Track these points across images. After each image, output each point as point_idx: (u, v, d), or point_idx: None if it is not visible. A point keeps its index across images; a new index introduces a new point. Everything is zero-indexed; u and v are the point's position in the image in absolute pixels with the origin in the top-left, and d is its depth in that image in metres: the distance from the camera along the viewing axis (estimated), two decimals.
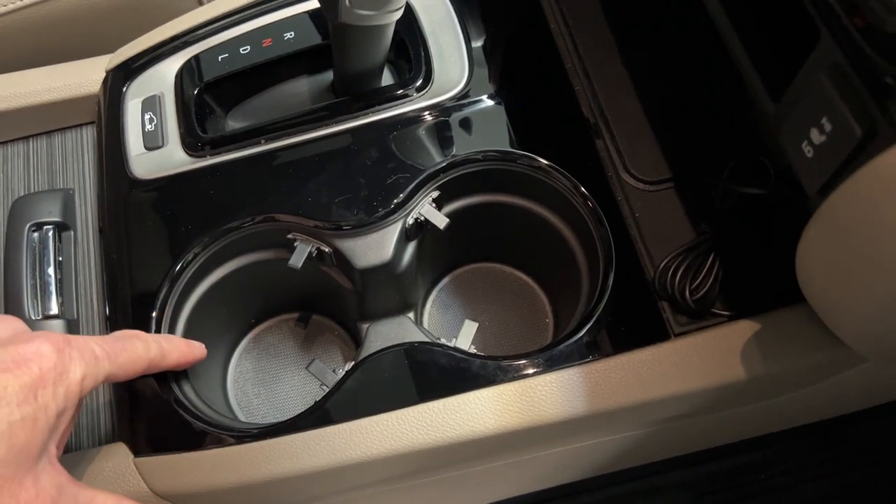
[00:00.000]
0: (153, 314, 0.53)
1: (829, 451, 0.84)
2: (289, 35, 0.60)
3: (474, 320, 0.63)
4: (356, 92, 0.58)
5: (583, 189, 0.54)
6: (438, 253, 0.60)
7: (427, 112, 0.57)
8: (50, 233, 0.58)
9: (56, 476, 0.39)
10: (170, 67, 0.62)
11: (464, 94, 0.58)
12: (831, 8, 0.34)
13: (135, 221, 0.56)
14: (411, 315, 0.59)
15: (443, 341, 0.54)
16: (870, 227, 0.35)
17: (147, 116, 0.60)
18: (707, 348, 0.49)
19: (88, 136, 0.63)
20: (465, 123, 0.57)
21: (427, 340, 0.53)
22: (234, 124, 0.62)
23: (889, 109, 0.32)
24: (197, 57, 0.61)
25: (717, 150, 0.53)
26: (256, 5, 0.63)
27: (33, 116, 0.62)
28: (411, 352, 0.51)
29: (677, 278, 0.49)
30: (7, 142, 0.64)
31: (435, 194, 0.55)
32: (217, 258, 0.56)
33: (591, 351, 0.49)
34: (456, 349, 0.51)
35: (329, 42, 0.56)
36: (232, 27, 0.62)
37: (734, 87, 0.53)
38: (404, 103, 0.57)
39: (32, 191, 0.61)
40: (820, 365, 0.50)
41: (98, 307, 0.57)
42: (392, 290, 0.56)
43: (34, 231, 0.57)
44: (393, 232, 0.54)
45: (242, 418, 0.60)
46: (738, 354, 0.48)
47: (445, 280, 0.66)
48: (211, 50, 0.61)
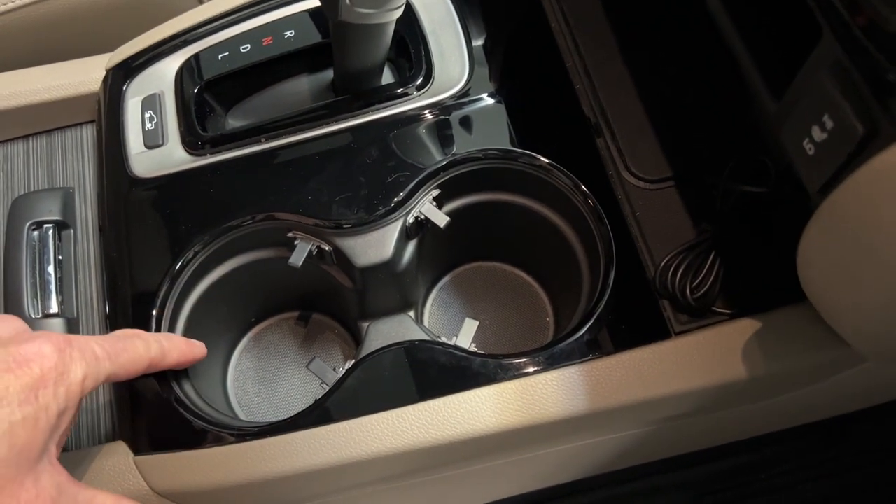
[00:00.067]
0: (153, 312, 0.53)
1: (830, 451, 0.84)
2: (289, 33, 0.60)
3: (475, 319, 0.63)
4: (356, 90, 0.58)
5: (583, 187, 0.54)
6: (439, 251, 0.60)
7: (427, 110, 0.57)
8: (50, 231, 0.58)
9: (56, 476, 0.39)
10: (170, 66, 0.62)
11: (464, 93, 0.58)
12: (833, 6, 0.34)
13: (135, 220, 0.56)
14: (412, 313, 0.59)
15: (443, 340, 0.54)
16: (871, 226, 0.35)
17: (147, 115, 0.60)
18: (708, 347, 0.49)
19: (88, 135, 0.63)
20: (466, 122, 0.57)
21: (427, 339, 0.53)
22: (235, 123, 0.62)
23: (891, 108, 0.32)
24: (197, 55, 0.61)
25: (718, 149, 0.53)
26: (256, 4, 0.63)
27: (33, 115, 0.62)
28: (412, 350, 0.50)
29: (678, 277, 0.49)
30: (7, 140, 0.64)
31: (435, 193, 0.55)
32: (217, 256, 0.56)
33: (592, 349, 0.49)
34: (456, 347, 0.51)
35: (329, 40, 0.56)
36: (232, 26, 0.62)
37: (735, 86, 0.53)
38: (405, 102, 0.57)
39: (32, 189, 0.61)
40: (821, 364, 0.50)
41: (98, 306, 0.57)
42: (392, 289, 0.56)
43: (34, 230, 0.57)
44: (393, 230, 0.54)
45: (243, 417, 0.60)
46: (739, 353, 0.48)
47: (446, 278, 0.66)
48: (211, 48, 0.61)
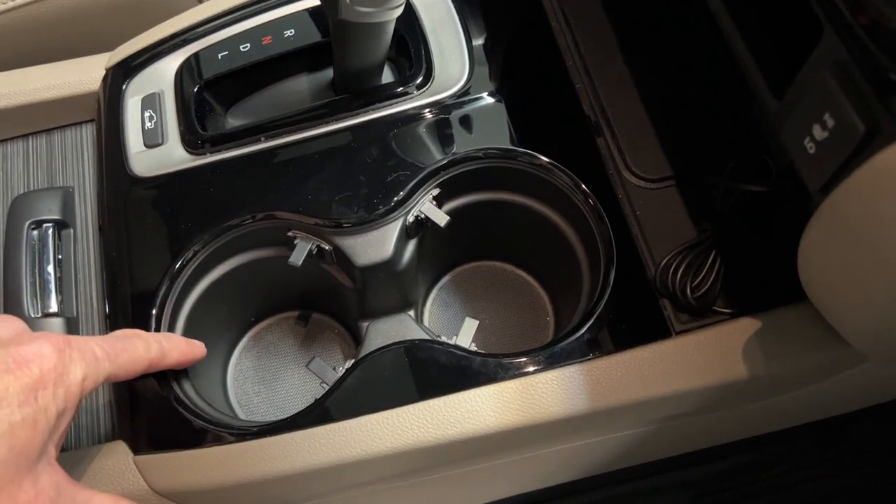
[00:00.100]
0: (153, 312, 0.53)
1: (830, 451, 0.84)
2: (289, 32, 0.60)
3: (475, 318, 0.63)
4: (356, 89, 0.58)
5: (584, 187, 0.54)
6: (439, 251, 0.60)
7: (427, 110, 0.57)
8: (49, 231, 0.57)
9: (54, 476, 0.39)
10: (170, 65, 0.62)
11: (464, 92, 0.58)
12: (835, 5, 0.34)
13: (135, 219, 0.56)
14: (412, 313, 0.59)
15: (443, 339, 0.54)
16: (872, 225, 0.35)
17: (147, 114, 0.59)
18: (708, 346, 0.49)
19: (88, 134, 0.63)
20: (466, 121, 0.57)
21: (427, 338, 0.53)
22: (234, 122, 0.62)
23: (892, 106, 0.32)
24: (197, 54, 0.61)
25: (719, 148, 0.53)
26: (256, 3, 0.63)
27: (33, 114, 0.62)
28: (412, 350, 0.50)
29: (678, 276, 0.49)
30: (7, 140, 0.64)
31: (435, 192, 0.55)
32: (217, 256, 0.56)
33: (592, 348, 0.49)
34: (456, 347, 0.51)
35: (329, 39, 0.56)
36: (232, 25, 0.62)
37: (735, 85, 0.53)
38: (405, 101, 0.57)
39: (32, 189, 0.61)
40: (821, 364, 0.50)
41: (98, 305, 0.57)
42: (392, 288, 0.56)
43: (34, 229, 0.57)
44: (393, 230, 0.54)
45: (242, 416, 0.60)
46: (740, 353, 0.48)
47: (446, 278, 0.65)
48: (211, 47, 0.61)
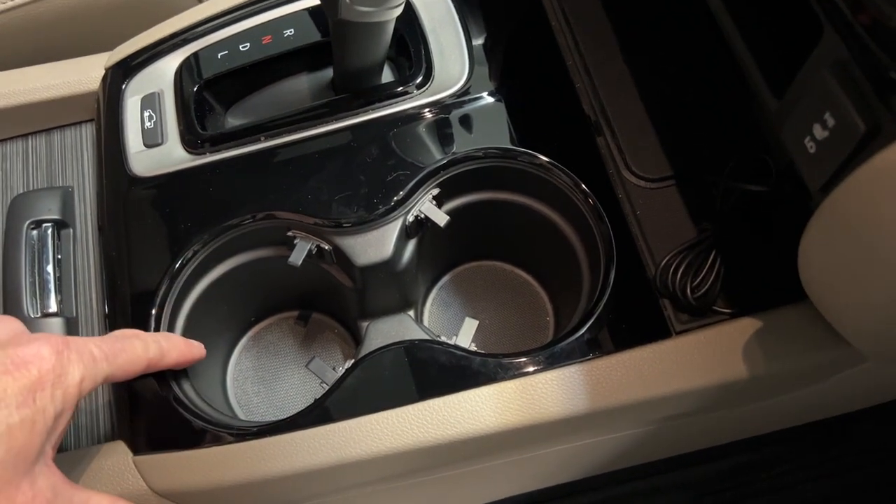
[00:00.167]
0: (152, 312, 0.52)
1: (831, 451, 0.84)
2: (289, 32, 0.60)
3: (475, 318, 0.63)
4: (356, 89, 0.58)
5: (584, 186, 0.54)
6: (439, 250, 0.60)
7: (427, 109, 0.57)
8: (49, 230, 0.57)
9: (51, 477, 0.39)
10: (169, 65, 0.62)
11: (464, 92, 0.58)
12: (835, 4, 0.34)
13: (134, 219, 0.56)
14: (411, 313, 0.59)
15: (443, 339, 0.54)
16: (872, 224, 0.35)
17: (146, 114, 0.59)
18: (708, 346, 0.49)
19: (88, 134, 0.63)
20: (466, 121, 0.57)
21: (427, 338, 0.53)
22: (234, 121, 0.62)
23: (892, 105, 0.32)
24: (196, 54, 0.61)
25: (719, 148, 0.53)
26: (256, 2, 0.63)
27: (32, 114, 0.62)
28: (411, 350, 0.50)
29: (678, 276, 0.49)
30: (6, 139, 0.63)
31: (435, 192, 0.55)
32: (217, 255, 0.56)
33: (592, 348, 0.49)
34: (456, 347, 0.51)
35: (329, 39, 0.56)
36: (231, 24, 0.62)
37: (735, 85, 0.53)
38: (404, 100, 0.57)
39: (31, 188, 0.61)
40: (821, 364, 0.50)
41: (97, 305, 0.57)
42: (392, 288, 0.56)
43: (33, 229, 0.57)
44: (393, 229, 0.54)
45: (242, 416, 0.60)
46: (740, 353, 0.48)
47: (446, 278, 0.65)
48: (210, 47, 0.61)
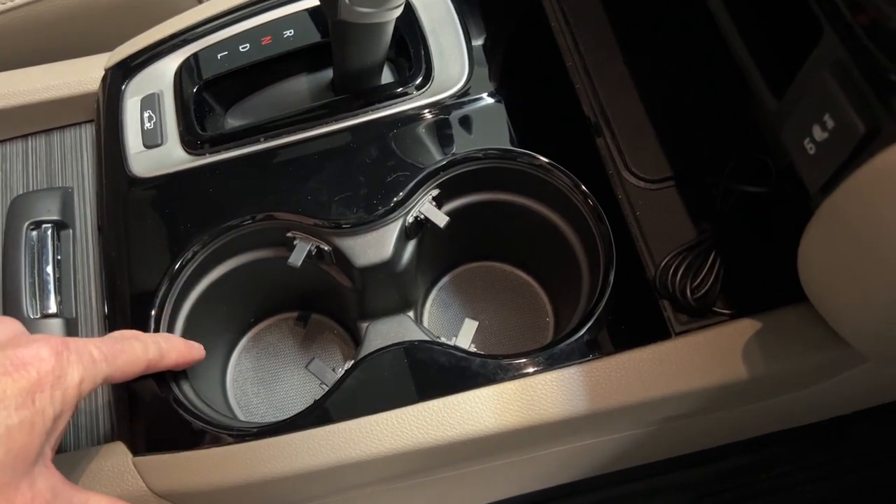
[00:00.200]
0: (152, 313, 0.52)
1: (829, 453, 0.84)
2: (288, 33, 0.60)
3: (474, 319, 0.62)
4: (356, 90, 0.58)
5: (583, 187, 0.54)
6: (438, 251, 0.60)
7: (427, 110, 0.57)
8: (49, 231, 0.57)
9: (51, 478, 0.39)
10: (169, 65, 0.62)
11: (464, 92, 0.58)
12: (835, 5, 0.34)
13: (134, 220, 0.56)
14: (411, 314, 0.59)
15: (443, 340, 0.54)
16: (872, 225, 0.35)
17: (146, 114, 0.59)
18: (708, 347, 0.49)
19: (87, 135, 0.63)
20: (465, 121, 0.57)
21: (427, 339, 0.53)
22: (234, 122, 0.62)
23: (892, 106, 0.32)
24: (196, 55, 0.61)
25: (719, 149, 0.53)
26: (256, 3, 0.63)
27: (32, 114, 0.62)
28: (411, 350, 0.50)
29: (678, 277, 0.49)
30: (6, 140, 0.63)
31: (435, 192, 0.55)
32: (216, 256, 0.56)
33: (592, 350, 0.49)
34: (456, 348, 0.51)
35: (329, 40, 0.56)
36: (231, 25, 0.62)
37: (735, 85, 0.53)
38: (404, 101, 0.57)
39: (31, 189, 0.61)
40: (821, 365, 0.50)
41: (97, 306, 0.57)
42: (392, 289, 0.56)
43: (33, 229, 0.57)
44: (393, 230, 0.54)
45: (242, 417, 0.60)
46: (739, 354, 0.48)
47: (445, 279, 0.65)
48: (210, 48, 0.61)
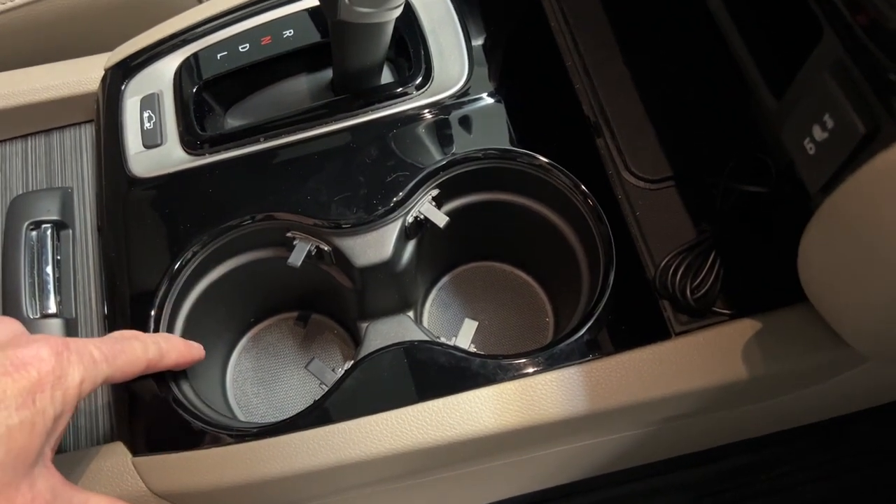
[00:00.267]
0: (152, 313, 0.52)
1: (829, 453, 0.84)
2: (288, 33, 0.60)
3: (474, 319, 0.62)
4: (356, 90, 0.58)
5: (583, 187, 0.54)
6: (438, 251, 0.60)
7: (427, 110, 0.57)
8: (48, 231, 0.57)
9: (50, 479, 0.39)
10: (169, 65, 0.61)
11: (464, 92, 0.58)
12: (834, 5, 0.34)
13: (133, 220, 0.56)
14: (411, 314, 0.59)
15: (442, 340, 0.54)
16: (872, 225, 0.35)
17: (146, 114, 0.59)
18: (708, 347, 0.49)
19: (87, 135, 0.63)
20: (465, 121, 0.57)
21: (427, 339, 0.53)
22: (234, 122, 0.62)
23: (892, 106, 0.32)
24: (196, 55, 0.61)
25: (718, 149, 0.53)
26: (255, 3, 0.63)
27: (32, 114, 0.62)
28: (411, 351, 0.50)
29: (678, 277, 0.49)
30: (5, 140, 0.63)
31: (435, 192, 0.55)
32: (216, 256, 0.56)
33: (592, 350, 0.49)
34: (456, 348, 0.51)
35: (328, 40, 0.56)
36: (231, 25, 0.62)
37: (735, 85, 0.53)
38: (404, 101, 0.57)
39: (31, 189, 0.61)
40: (821, 365, 0.50)
41: (96, 306, 0.57)
42: (392, 289, 0.56)
43: (32, 230, 0.57)
44: (392, 230, 0.54)
45: (241, 417, 0.60)
46: (739, 354, 0.48)
47: (445, 279, 0.65)
48: (210, 48, 0.61)
